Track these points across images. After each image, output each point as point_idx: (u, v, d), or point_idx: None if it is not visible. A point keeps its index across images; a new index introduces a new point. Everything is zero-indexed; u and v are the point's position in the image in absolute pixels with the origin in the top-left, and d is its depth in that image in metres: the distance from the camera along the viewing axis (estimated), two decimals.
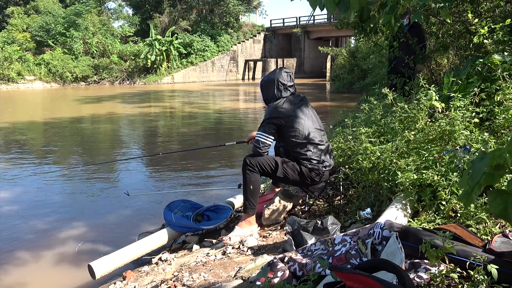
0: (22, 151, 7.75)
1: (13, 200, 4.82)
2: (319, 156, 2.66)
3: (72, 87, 26.73)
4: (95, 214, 4.32)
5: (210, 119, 12.68)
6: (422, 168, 2.20)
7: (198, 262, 2.39)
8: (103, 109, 14.44)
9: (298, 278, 1.65)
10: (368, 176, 2.50)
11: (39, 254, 3.41)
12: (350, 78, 19.52)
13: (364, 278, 1.07)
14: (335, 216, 2.48)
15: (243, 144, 3.37)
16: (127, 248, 2.69)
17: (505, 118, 2.55)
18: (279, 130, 2.69)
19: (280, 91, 2.75)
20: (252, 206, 2.68)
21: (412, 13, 4.17)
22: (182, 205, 3.22)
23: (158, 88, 26.35)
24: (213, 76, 33.55)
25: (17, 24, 29.91)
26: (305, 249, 1.86)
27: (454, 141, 2.40)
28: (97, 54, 29.93)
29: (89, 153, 7.78)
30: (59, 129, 10.40)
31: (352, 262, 1.56)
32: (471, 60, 3.27)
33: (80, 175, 5.90)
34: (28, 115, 13.11)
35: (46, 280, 3.09)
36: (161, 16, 33.34)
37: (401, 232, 1.58)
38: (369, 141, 2.68)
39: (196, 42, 32.21)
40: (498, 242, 1.52)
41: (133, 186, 5.31)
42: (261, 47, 37.89)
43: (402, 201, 2.10)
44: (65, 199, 4.86)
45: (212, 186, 5.20)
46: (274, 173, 2.65)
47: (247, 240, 2.52)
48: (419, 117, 2.66)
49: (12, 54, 25.91)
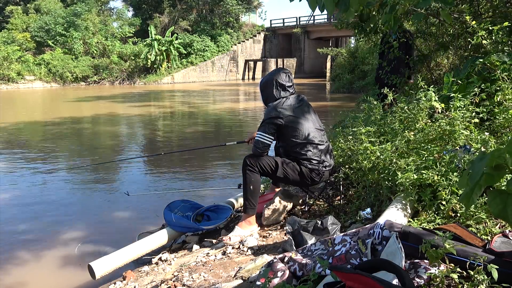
0: (22, 151, 7.74)
1: (13, 200, 4.82)
2: (319, 156, 2.66)
3: (72, 87, 26.73)
4: (95, 214, 4.32)
5: (210, 119, 12.68)
6: (422, 168, 2.20)
7: (198, 262, 2.39)
8: (104, 109, 14.44)
9: (298, 278, 1.65)
10: (368, 176, 2.50)
11: (39, 254, 3.41)
12: (350, 78, 19.53)
13: (364, 278, 1.07)
14: (335, 216, 2.48)
15: (243, 144, 3.37)
16: (127, 248, 2.69)
17: (505, 118, 2.55)
18: (279, 130, 2.69)
19: (279, 91, 2.75)
20: (252, 206, 2.68)
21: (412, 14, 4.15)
22: (182, 205, 3.22)
23: (158, 88, 26.35)
24: (213, 76, 33.55)
25: (17, 24, 29.91)
26: (305, 249, 1.86)
27: (454, 141, 2.40)
28: (97, 54, 29.94)
29: (89, 153, 7.78)
30: (59, 129, 10.40)
31: (352, 262, 1.56)
32: (471, 60, 3.27)
33: (80, 175, 5.91)
34: (28, 115, 13.11)
35: (46, 280, 3.09)
36: (161, 16, 33.35)
37: (401, 232, 1.58)
38: (369, 141, 2.68)
39: (196, 42, 32.22)
40: (498, 242, 1.52)
41: (133, 186, 5.31)
42: (261, 47, 37.89)
43: (402, 201, 2.10)
44: (65, 199, 4.86)
45: (212, 186, 5.20)
46: (274, 173, 2.66)
47: (247, 240, 2.52)
48: (419, 118, 2.66)
49: (12, 54, 25.91)
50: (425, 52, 5.16)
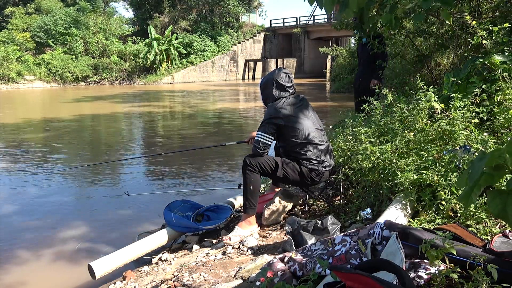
0: (22, 151, 7.74)
1: (13, 199, 4.82)
2: (319, 156, 2.66)
3: (72, 87, 26.73)
4: (95, 214, 4.32)
5: (210, 119, 12.68)
6: (422, 168, 2.20)
7: (198, 262, 2.39)
8: (104, 109, 14.43)
9: (298, 278, 1.65)
10: (368, 176, 2.50)
11: (39, 254, 3.41)
12: (350, 78, 19.49)
13: (364, 278, 1.07)
14: (335, 216, 2.48)
15: (243, 144, 3.37)
16: (127, 248, 2.69)
17: (505, 118, 2.55)
18: (279, 130, 2.69)
19: (279, 91, 2.76)
20: (252, 206, 2.68)
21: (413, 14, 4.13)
22: (182, 205, 3.22)
23: (158, 88, 26.34)
24: (213, 76, 33.55)
25: (17, 24, 29.91)
26: (305, 249, 1.86)
27: (454, 141, 2.41)
28: (97, 54, 29.93)
29: (89, 153, 7.78)
30: (59, 129, 10.40)
31: (352, 262, 1.56)
32: (471, 60, 3.27)
33: (81, 175, 5.91)
34: (29, 115, 13.10)
35: (46, 280, 3.09)
36: (161, 16, 33.33)
37: (401, 232, 1.58)
38: (368, 141, 2.68)
39: (196, 42, 32.21)
40: (498, 242, 1.52)
41: (133, 186, 5.31)
42: (261, 47, 37.88)
43: (402, 201, 2.11)
44: (65, 199, 4.86)
45: (212, 186, 5.20)
46: (274, 173, 2.66)
47: (247, 240, 2.52)
48: (419, 119, 2.66)
49: (11, 53, 25.90)
50: (425, 52, 5.16)
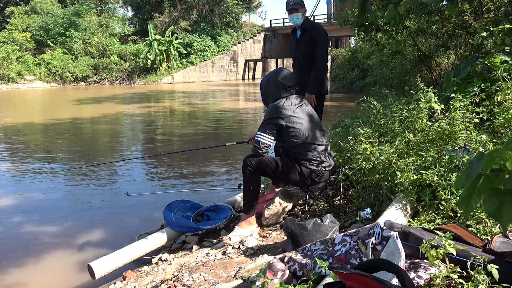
0: (22, 151, 7.74)
1: (13, 200, 4.82)
2: (319, 157, 2.66)
3: (72, 87, 26.72)
4: (95, 214, 4.32)
5: (210, 119, 12.68)
6: (422, 169, 2.20)
7: (198, 262, 2.39)
8: (104, 109, 14.43)
9: (298, 278, 1.65)
10: (368, 177, 2.50)
11: (39, 254, 3.41)
12: (350, 78, 19.51)
13: (364, 278, 1.07)
14: (335, 216, 2.48)
15: (243, 144, 3.37)
16: (127, 248, 2.69)
17: (505, 118, 2.55)
18: (279, 130, 2.68)
19: (280, 91, 2.74)
20: (252, 206, 2.68)
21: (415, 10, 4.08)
22: (182, 205, 3.22)
23: (158, 88, 26.33)
24: (213, 76, 33.53)
25: (17, 24, 29.90)
26: (305, 249, 1.86)
27: (454, 142, 2.40)
28: (97, 54, 29.91)
29: (89, 153, 7.78)
30: (59, 129, 10.40)
31: (352, 262, 1.56)
32: (471, 60, 3.27)
33: (81, 175, 5.90)
34: (29, 115, 13.11)
35: (46, 280, 3.08)
36: (161, 16, 33.32)
37: (401, 232, 1.58)
38: (368, 142, 2.68)
39: (196, 42, 32.20)
40: (498, 242, 1.52)
41: (133, 186, 5.31)
42: (261, 47, 37.86)
43: (402, 201, 2.10)
44: (65, 199, 4.86)
45: (212, 186, 5.20)
46: (274, 173, 2.65)
47: (247, 240, 2.52)
48: (419, 120, 2.65)
49: (11, 53, 25.90)
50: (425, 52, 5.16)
